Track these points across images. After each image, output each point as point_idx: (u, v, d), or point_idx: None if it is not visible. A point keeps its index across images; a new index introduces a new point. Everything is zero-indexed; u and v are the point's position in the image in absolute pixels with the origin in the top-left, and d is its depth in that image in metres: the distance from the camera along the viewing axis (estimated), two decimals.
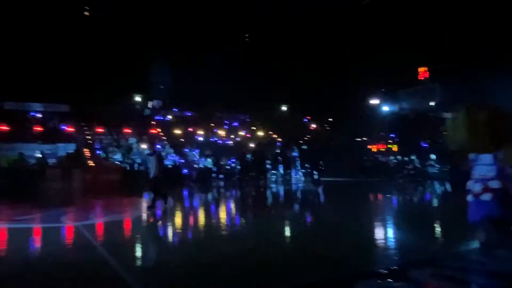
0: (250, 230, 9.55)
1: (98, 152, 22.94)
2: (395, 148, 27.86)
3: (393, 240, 7.71)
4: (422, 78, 31.55)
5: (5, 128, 21.49)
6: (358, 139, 30.50)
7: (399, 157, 25.58)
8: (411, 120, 28.72)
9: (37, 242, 8.46)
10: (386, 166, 25.55)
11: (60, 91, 24.51)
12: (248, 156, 25.23)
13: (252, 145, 27.55)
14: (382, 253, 6.51)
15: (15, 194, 15.77)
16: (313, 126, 33.19)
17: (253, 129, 30.45)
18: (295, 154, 25.72)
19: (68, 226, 10.15)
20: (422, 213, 11.56)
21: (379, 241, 7.56)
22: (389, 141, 28.76)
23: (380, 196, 17.02)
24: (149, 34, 28.71)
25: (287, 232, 9.08)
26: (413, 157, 23.81)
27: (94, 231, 9.35)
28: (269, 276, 5.30)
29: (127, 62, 27.19)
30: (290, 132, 29.63)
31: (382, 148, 28.18)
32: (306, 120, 33.38)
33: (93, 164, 21.70)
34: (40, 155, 19.31)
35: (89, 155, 22.73)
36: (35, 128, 22.93)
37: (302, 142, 30.57)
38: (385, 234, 8.40)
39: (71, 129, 23.74)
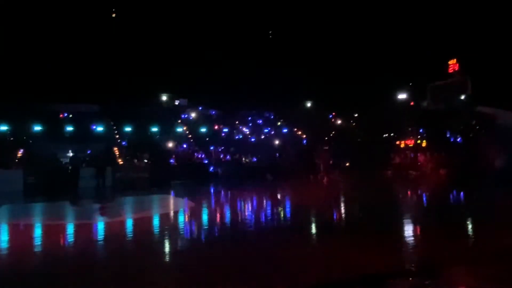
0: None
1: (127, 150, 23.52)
2: (424, 143, 27.14)
3: None
4: (452, 71, 30.48)
5: (39, 128, 22.33)
6: (385, 135, 29.91)
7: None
8: (440, 115, 27.86)
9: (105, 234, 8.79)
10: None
11: (91, 92, 25.26)
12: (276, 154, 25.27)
13: (277, 142, 27.51)
14: None
15: (52, 192, 16.42)
16: (339, 122, 32.79)
17: (278, 125, 30.40)
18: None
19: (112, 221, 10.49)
20: None
21: None
22: (418, 136, 28.06)
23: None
24: (174, 33, 29.10)
25: None
26: None
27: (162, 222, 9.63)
28: None
29: (154, 62, 27.68)
30: (315, 128, 29.38)
31: (411, 143, 27.50)
32: (331, 116, 33.03)
33: (123, 162, 22.29)
34: (73, 155, 19.96)
35: (119, 153, 23.34)
36: (67, 129, 23.73)
37: (327, 138, 30.28)
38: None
39: (101, 129, 24.40)
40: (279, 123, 30.86)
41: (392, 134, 29.52)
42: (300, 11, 30.93)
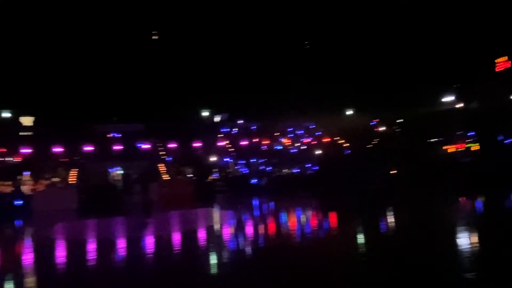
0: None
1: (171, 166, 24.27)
2: (475, 147, 25.68)
3: None
4: (502, 69, 28.80)
5: (91, 148, 23.61)
6: (432, 140, 28.69)
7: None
8: (491, 116, 26.32)
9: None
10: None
11: (136, 112, 26.44)
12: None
13: (318, 152, 27.23)
14: None
15: (104, 209, 17.21)
16: (381, 128, 31.93)
17: (319, 135, 30.10)
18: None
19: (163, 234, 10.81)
20: None
21: None
22: (468, 140, 26.63)
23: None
24: (213, 49, 29.83)
25: None
26: None
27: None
28: None
29: (194, 79, 28.53)
30: (357, 136, 28.77)
31: (461, 147, 26.11)
32: (374, 123, 32.23)
33: (168, 178, 23.00)
34: (122, 172, 20.87)
35: (164, 170, 24.12)
36: (115, 147, 24.92)
37: (371, 146, 29.54)
38: None
39: (146, 147, 25.38)
40: (319, 133, 30.56)
41: (439, 139, 28.28)
42: (338, 18, 30.71)
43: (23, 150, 22.34)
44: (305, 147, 29.20)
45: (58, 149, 22.95)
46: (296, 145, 29.46)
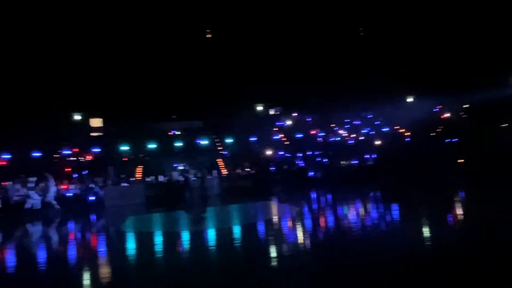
0: None
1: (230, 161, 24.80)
2: None
3: None
4: None
5: (154, 145, 24.85)
6: (503, 125, 26.35)
7: None
8: None
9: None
10: None
11: (194, 109, 27.35)
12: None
13: (378, 142, 26.27)
14: None
15: (169, 203, 18.12)
16: (446, 115, 29.97)
17: (378, 125, 29.02)
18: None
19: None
20: None
21: None
22: None
23: None
24: (266, 43, 29.80)
25: None
26: None
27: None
28: None
29: (248, 73, 28.77)
30: (419, 124, 27.29)
31: None
32: (437, 109, 30.35)
33: (227, 173, 23.57)
34: (183, 168, 21.72)
35: (222, 164, 24.74)
36: (176, 144, 25.99)
37: (434, 134, 27.92)
38: None
39: (205, 142, 26.17)
40: (378, 122, 29.46)
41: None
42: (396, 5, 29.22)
43: (94, 149, 24.10)
44: (363, 137, 28.32)
45: (124, 148, 24.45)
46: (353, 136, 28.67)
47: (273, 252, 7.68)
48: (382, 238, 8.20)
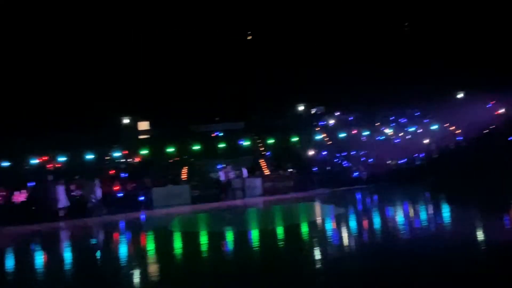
0: None
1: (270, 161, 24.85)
2: None
3: None
4: None
5: (198, 147, 25.48)
6: None
7: None
8: None
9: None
10: None
11: (236, 111, 27.77)
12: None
13: (426, 140, 25.16)
14: None
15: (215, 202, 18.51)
16: (500, 111, 28.09)
17: (426, 123, 27.79)
18: None
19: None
20: None
21: None
22: None
23: None
24: (307, 39, 29.53)
25: None
26: None
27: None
28: None
29: (289, 73, 28.71)
30: (471, 121, 25.78)
31: None
32: (490, 105, 28.53)
33: (269, 173, 23.64)
34: (226, 168, 22.05)
35: (265, 165, 24.85)
36: (218, 146, 26.49)
37: (487, 131, 26.27)
38: None
39: (247, 143, 26.44)
40: (427, 120, 28.22)
41: None
42: None
43: (142, 151, 25.15)
44: (410, 136, 27.26)
45: (170, 149, 25.28)
46: (400, 134, 27.68)
47: (317, 255, 7.59)
48: (447, 242, 7.73)
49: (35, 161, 21.95)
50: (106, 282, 6.68)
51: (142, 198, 20.14)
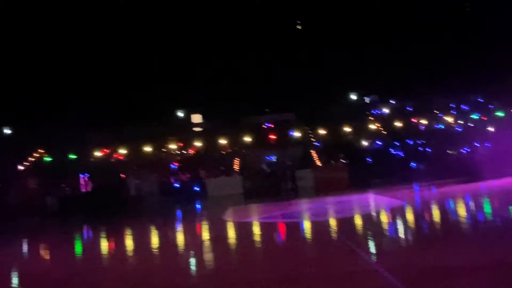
0: None
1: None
2: None
3: None
4: None
5: (249, 139, 25.78)
6: None
7: None
8: None
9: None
10: None
11: (285, 101, 27.58)
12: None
13: (491, 128, 23.46)
14: None
15: (265, 194, 18.70)
16: None
17: (491, 109, 25.89)
18: None
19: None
20: None
21: None
22: None
23: None
24: (358, 22, 28.41)
25: None
26: None
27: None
28: None
29: (340, 61, 27.92)
30: None
31: None
32: None
33: (321, 164, 23.36)
34: (277, 160, 22.15)
35: (316, 156, 24.60)
36: (269, 137, 26.60)
37: None
38: None
39: (297, 134, 26.27)
40: (492, 106, 26.28)
41: None
42: None
43: (196, 143, 25.97)
44: (473, 124, 25.55)
45: (222, 141, 25.83)
46: (460, 122, 26.05)
47: (372, 248, 7.40)
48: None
49: (99, 153, 23.58)
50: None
51: (197, 188, 20.87)
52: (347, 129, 26.39)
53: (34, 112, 23.96)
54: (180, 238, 10.66)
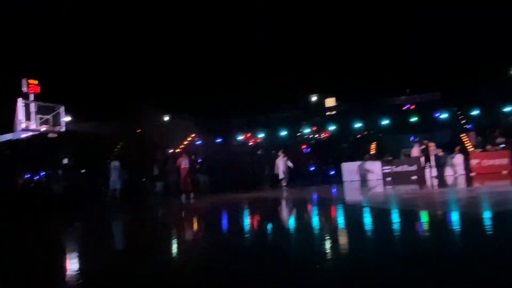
0: None
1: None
2: None
3: None
4: None
5: (387, 121, 24.17)
6: None
7: None
8: None
9: None
10: None
11: (430, 80, 24.91)
12: None
13: None
14: None
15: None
16: None
17: None
18: None
19: None
20: None
21: None
22: None
23: None
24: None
25: None
26: None
27: None
28: None
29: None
30: None
31: None
32: None
33: (474, 149, 20.49)
34: (422, 143, 20.15)
35: (467, 140, 21.70)
36: (410, 119, 24.49)
37: None
38: None
39: (445, 116, 23.58)
40: None
41: None
42: None
43: (330, 127, 25.65)
44: None
45: (357, 125, 24.91)
46: None
47: None
48: None
49: (241, 137, 25.44)
50: None
51: (333, 172, 20.61)
52: (507, 108, 22.56)
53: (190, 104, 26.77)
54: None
